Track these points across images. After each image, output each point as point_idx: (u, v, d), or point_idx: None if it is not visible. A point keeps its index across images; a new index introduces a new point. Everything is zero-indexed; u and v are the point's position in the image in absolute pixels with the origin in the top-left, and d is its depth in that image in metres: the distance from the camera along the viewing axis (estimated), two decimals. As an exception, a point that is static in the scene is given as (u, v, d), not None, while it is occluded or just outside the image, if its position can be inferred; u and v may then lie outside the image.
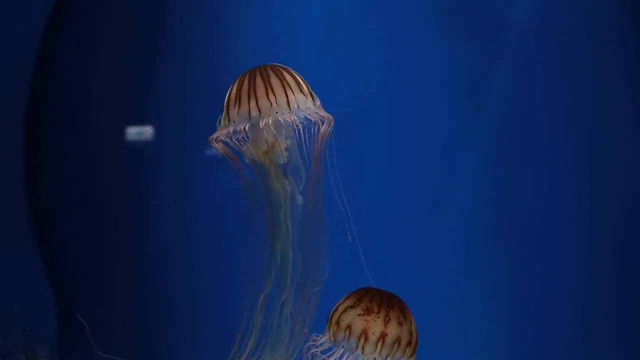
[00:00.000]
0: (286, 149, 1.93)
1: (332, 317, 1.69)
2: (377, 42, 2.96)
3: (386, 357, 1.62)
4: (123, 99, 3.10)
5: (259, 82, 1.86)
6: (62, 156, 3.15)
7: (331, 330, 1.67)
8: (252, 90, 1.85)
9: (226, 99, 1.90)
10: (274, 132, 1.87)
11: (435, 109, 2.92)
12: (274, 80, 1.86)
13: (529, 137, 2.92)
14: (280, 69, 1.89)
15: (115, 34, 3.09)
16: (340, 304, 1.70)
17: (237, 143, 1.90)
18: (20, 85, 3.02)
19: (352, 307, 1.66)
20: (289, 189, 1.95)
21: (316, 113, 1.91)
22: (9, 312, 2.76)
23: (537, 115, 2.91)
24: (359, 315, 1.64)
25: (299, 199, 1.96)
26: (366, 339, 1.61)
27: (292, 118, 1.85)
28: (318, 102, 1.95)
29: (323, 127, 1.92)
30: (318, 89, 2.18)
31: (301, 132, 1.88)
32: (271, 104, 1.84)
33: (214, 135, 1.92)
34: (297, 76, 1.90)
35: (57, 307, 3.10)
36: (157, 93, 3.06)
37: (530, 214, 2.94)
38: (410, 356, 1.67)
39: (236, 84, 1.89)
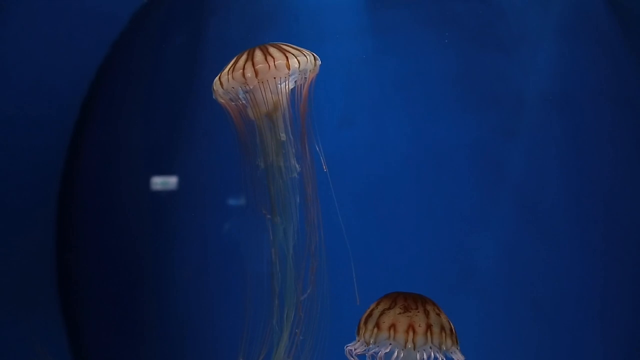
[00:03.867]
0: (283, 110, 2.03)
1: (367, 322, 1.72)
2: (397, 116, 3.02)
3: (439, 345, 1.67)
4: (150, 152, 3.21)
5: (257, 51, 1.96)
6: (90, 215, 3.25)
7: (368, 334, 1.70)
8: (250, 57, 1.95)
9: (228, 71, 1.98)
10: (274, 92, 1.96)
11: (455, 180, 2.96)
12: (272, 49, 1.97)
13: (547, 205, 2.93)
14: (280, 44, 2.00)
15: (146, 92, 3.20)
16: (372, 310, 1.74)
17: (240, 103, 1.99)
18: (56, 140, 3.13)
19: (389, 308, 1.71)
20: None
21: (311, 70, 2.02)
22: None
23: (555, 184, 2.94)
24: (399, 314, 1.69)
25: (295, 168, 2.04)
26: (414, 332, 1.66)
27: (287, 76, 1.94)
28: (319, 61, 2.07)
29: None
30: (339, 162, 2.26)
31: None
32: (269, 67, 1.92)
33: (219, 88, 2.00)
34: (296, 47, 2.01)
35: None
36: (182, 145, 3.16)
37: (551, 280, 2.93)
38: (456, 343, 1.71)
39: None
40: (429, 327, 1.67)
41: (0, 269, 2.85)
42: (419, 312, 1.69)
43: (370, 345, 1.70)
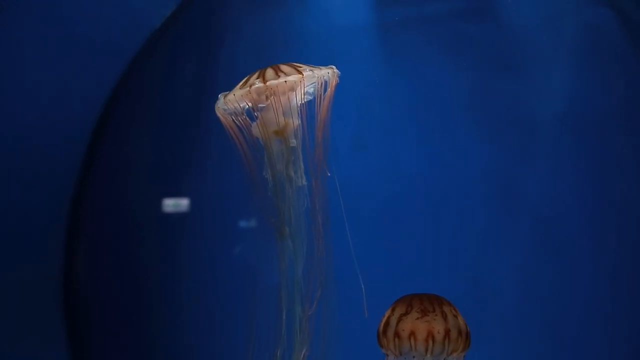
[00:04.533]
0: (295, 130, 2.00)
1: (385, 331, 1.66)
2: (409, 139, 3.00)
3: (452, 352, 1.62)
4: (161, 174, 3.21)
5: (269, 69, 1.96)
6: (100, 239, 3.25)
7: (392, 345, 1.64)
8: (262, 73, 1.95)
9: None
10: (285, 111, 1.94)
11: (468, 204, 2.92)
12: (284, 67, 1.96)
13: (562, 229, 2.88)
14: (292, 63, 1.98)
15: (157, 116, 3.23)
16: (389, 316, 1.67)
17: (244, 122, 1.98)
18: (67, 163, 3.14)
19: (406, 313, 1.64)
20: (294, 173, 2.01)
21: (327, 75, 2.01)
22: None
23: (570, 207, 2.89)
24: (417, 319, 1.62)
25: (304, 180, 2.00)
26: (434, 340, 1.60)
27: (303, 91, 1.92)
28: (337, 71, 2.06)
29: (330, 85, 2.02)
30: (351, 185, 2.23)
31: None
32: (279, 82, 1.92)
33: (221, 103, 1.99)
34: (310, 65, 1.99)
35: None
36: (193, 168, 3.15)
37: (567, 303, 2.88)
38: (467, 348, 1.67)
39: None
40: (447, 332, 1.62)
41: (6, 292, 2.83)
42: (436, 315, 1.63)
43: (400, 357, 1.64)
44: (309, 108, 2.10)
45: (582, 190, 2.86)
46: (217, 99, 2.07)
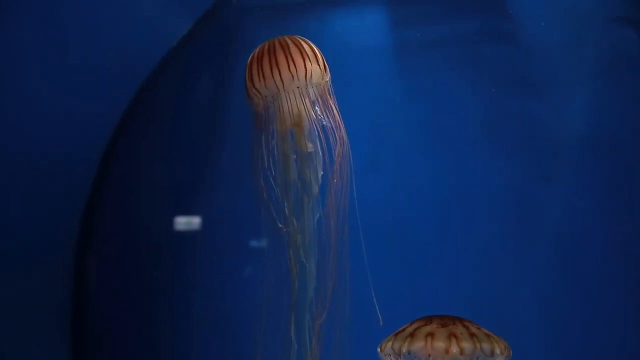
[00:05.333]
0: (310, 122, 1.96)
1: (396, 335, 1.60)
2: (425, 160, 2.96)
3: (491, 350, 1.55)
4: (174, 191, 3.19)
5: (279, 53, 1.92)
6: (108, 259, 3.23)
7: (399, 343, 1.57)
8: (274, 62, 1.90)
9: (247, 74, 1.94)
10: (297, 103, 1.89)
11: (485, 227, 2.87)
12: (294, 49, 1.91)
13: (585, 253, 2.80)
14: (298, 39, 1.96)
15: (171, 132, 3.21)
16: (405, 328, 1.62)
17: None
18: (78, 181, 3.15)
19: (425, 325, 1.59)
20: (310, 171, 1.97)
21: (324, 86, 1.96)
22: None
23: (593, 230, 2.82)
24: (437, 327, 1.57)
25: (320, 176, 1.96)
26: (457, 337, 1.53)
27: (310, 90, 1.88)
28: (328, 76, 2.02)
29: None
30: (365, 206, 2.20)
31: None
32: (292, 77, 1.85)
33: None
34: (313, 47, 1.98)
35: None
36: (206, 185, 3.14)
37: (590, 331, 2.80)
38: (508, 348, 1.60)
39: (256, 58, 1.94)
40: (472, 335, 1.55)
41: (13, 305, 2.82)
42: (457, 326, 1.58)
43: (401, 357, 1.57)
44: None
45: (604, 211, 2.79)
46: (230, 116, 2.05)
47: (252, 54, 2.02)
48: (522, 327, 2.78)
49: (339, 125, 2.05)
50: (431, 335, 1.55)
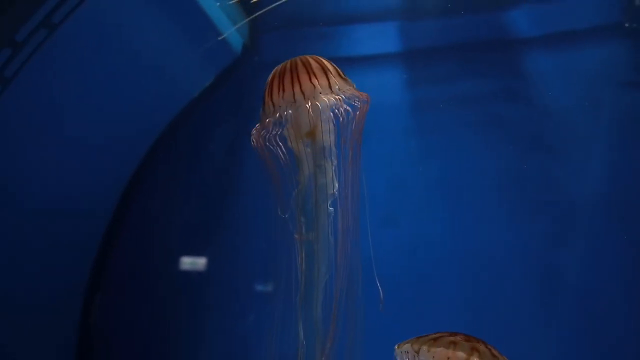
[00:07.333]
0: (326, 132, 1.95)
1: (418, 338, 1.58)
2: (441, 218, 2.96)
3: None
4: (186, 237, 3.19)
5: (300, 67, 1.91)
6: (118, 303, 3.21)
7: (418, 345, 1.55)
8: (295, 76, 1.89)
9: (267, 88, 1.93)
10: (316, 113, 1.88)
11: (503, 288, 2.84)
12: (315, 65, 1.92)
13: (608, 315, 2.77)
14: (318, 57, 1.95)
15: (186, 184, 3.24)
16: (429, 334, 1.60)
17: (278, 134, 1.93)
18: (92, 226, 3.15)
19: (450, 335, 1.57)
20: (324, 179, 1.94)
21: (354, 95, 1.94)
22: None
23: (615, 292, 2.78)
24: (461, 340, 1.54)
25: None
26: (479, 352, 1.51)
27: (333, 99, 1.88)
28: (354, 85, 2.00)
29: (361, 107, 1.97)
30: (380, 261, 2.18)
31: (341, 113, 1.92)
32: (314, 87, 1.87)
33: (260, 127, 1.95)
34: (333, 64, 1.97)
35: None
36: (218, 233, 3.14)
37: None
38: None
39: (277, 73, 1.94)
40: (494, 356, 1.53)
41: (21, 343, 2.77)
42: (480, 344, 1.55)
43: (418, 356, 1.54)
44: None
45: (624, 275, 2.77)
46: (244, 166, 2.06)
47: (273, 71, 2.06)
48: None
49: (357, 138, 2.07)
50: (454, 343, 1.53)
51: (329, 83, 1.93)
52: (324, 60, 1.99)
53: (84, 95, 2.79)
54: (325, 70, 1.95)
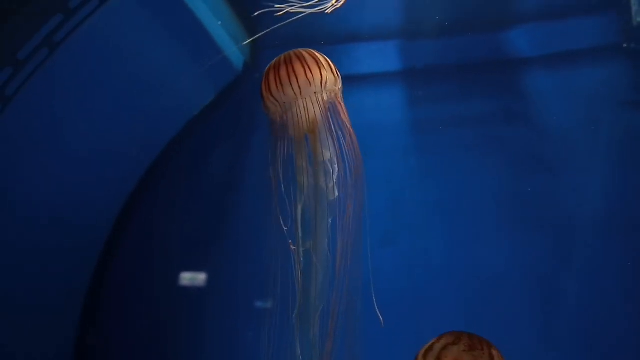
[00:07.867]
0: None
1: (425, 356, 1.58)
2: (440, 237, 2.96)
3: None
4: (187, 255, 3.20)
5: (295, 62, 1.94)
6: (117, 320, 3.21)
7: None
8: (292, 70, 1.93)
9: (264, 82, 1.96)
10: (313, 109, 1.90)
11: (503, 307, 2.84)
12: (309, 59, 1.95)
13: (610, 334, 2.76)
14: (311, 50, 2.00)
15: (187, 201, 3.25)
16: (434, 343, 1.60)
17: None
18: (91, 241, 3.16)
19: (453, 344, 1.57)
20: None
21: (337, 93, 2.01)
22: None
23: (617, 311, 2.79)
24: (464, 351, 1.54)
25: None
26: None
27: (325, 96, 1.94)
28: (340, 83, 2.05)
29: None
30: (379, 279, 2.19)
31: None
32: (310, 83, 1.90)
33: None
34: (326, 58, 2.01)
35: None
36: (219, 250, 3.15)
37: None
38: None
39: (273, 67, 1.97)
40: None
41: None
42: (484, 353, 1.55)
43: None
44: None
45: (623, 293, 2.77)
46: (245, 183, 2.07)
47: (268, 65, 2.08)
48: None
49: (351, 133, 2.09)
50: None
51: (322, 79, 1.98)
52: (316, 53, 2.02)
53: (85, 113, 2.81)
54: (319, 64, 1.98)
